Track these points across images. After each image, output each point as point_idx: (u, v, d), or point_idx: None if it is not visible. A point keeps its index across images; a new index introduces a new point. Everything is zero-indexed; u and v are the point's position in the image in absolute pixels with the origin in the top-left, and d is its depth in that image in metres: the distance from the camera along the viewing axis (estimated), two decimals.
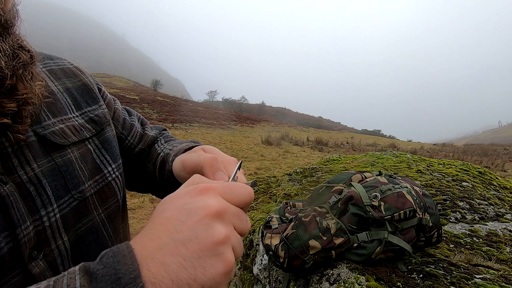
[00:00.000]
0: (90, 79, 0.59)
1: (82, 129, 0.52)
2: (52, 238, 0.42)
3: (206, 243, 0.30)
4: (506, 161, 11.69)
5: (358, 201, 1.16)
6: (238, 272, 1.80)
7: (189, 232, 0.30)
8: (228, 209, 0.33)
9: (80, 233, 0.47)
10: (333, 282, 1.13)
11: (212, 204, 0.32)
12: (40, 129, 0.45)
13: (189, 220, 0.31)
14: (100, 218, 0.50)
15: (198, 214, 0.31)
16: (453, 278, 1.09)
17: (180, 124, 16.95)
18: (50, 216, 0.42)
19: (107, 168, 0.54)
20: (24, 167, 0.41)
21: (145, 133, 0.70)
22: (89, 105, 0.56)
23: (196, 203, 0.32)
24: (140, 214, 4.40)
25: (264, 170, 8.03)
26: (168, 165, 0.59)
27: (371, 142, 18.94)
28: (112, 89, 25.54)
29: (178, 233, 0.30)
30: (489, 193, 2.07)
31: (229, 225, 0.33)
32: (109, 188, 0.53)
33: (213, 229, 0.31)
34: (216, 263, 0.30)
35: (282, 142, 14.05)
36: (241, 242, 0.34)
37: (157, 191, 0.69)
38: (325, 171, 2.69)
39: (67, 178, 0.45)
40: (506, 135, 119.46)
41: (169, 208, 0.32)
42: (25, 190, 0.40)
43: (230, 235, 0.32)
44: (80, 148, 0.50)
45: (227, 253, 0.31)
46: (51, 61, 0.55)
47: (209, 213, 0.31)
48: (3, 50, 0.36)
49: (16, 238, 0.37)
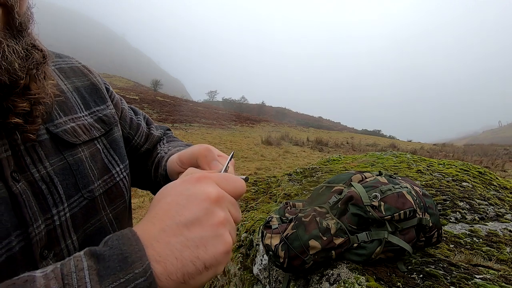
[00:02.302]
0: (98, 79, 0.60)
1: (92, 128, 0.52)
2: (62, 237, 0.42)
3: (207, 225, 0.32)
4: (506, 161, 11.69)
5: (358, 201, 1.16)
6: (238, 272, 1.80)
7: (190, 215, 0.32)
8: (224, 196, 0.35)
9: (89, 233, 0.47)
10: (333, 282, 1.13)
11: (211, 191, 0.34)
12: (52, 127, 0.45)
13: (189, 204, 0.33)
14: (108, 218, 0.51)
15: (198, 199, 0.33)
16: (453, 278, 1.09)
17: (180, 124, 16.95)
18: (61, 215, 0.42)
19: (115, 168, 0.54)
20: (36, 165, 0.41)
21: (150, 133, 0.71)
22: (97, 104, 0.56)
23: (195, 190, 0.34)
24: (140, 214, 4.41)
25: (264, 170, 8.03)
26: (161, 168, 0.60)
27: (371, 142, 18.94)
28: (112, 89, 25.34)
29: (180, 216, 0.32)
30: (489, 193, 2.07)
31: (226, 210, 0.35)
32: (117, 188, 0.53)
33: (212, 212, 0.33)
34: (216, 243, 0.32)
35: (282, 142, 14.05)
36: (235, 229, 0.37)
37: (153, 189, 0.70)
38: (325, 171, 2.69)
39: (77, 177, 0.45)
40: (506, 135, 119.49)
41: (169, 195, 0.34)
42: (37, 189, 0.40)
43: (228, 219, 0.35)
44: (90, 148, 0.50)
45: (226, 235, 0.33)
46: (60, 60, 0.55)
47: (208, 197, 0.33)
48: (17, 52, 0.36)
49: (28, 237, 0.37)
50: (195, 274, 0.30)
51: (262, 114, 54.53)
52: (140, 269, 0.27)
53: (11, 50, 0.35)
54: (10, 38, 0.36)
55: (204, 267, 0.30)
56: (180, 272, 0.29)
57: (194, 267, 0.30)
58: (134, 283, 0.27)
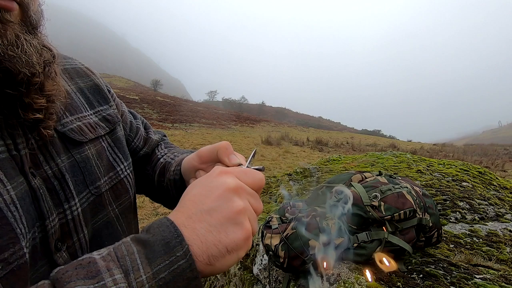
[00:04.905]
0: (100, 80, 0.61)
1: (97, 126, 0.53)
2: (74, 231, 0.44)
3: (227, 212, 0.35)
4: (506, 161, 11.68)
5: (358, 201, 1.16)
6: (238, 272, 1.80)
7: (212, 204, 0.36)
8: (244, 187, 0.39)
9: (97, 227, 0.49)
10: (333, 282, 1.13)
11: (230, 182, 0.38)
12: (59, 126, 0.46)
13: (211, 194, 0.36)
14: (114, 213, 0.53)
15: (219, 189, 0.37)
16: (453, 278, 1.09)
17: (180, 124, 16.95)
18: (73, 210, 0.44)
19: (120, 165, 0.56)
20: (49, 162, 0.43)
21: (149, 137, 0.72)
22: (100, 104, 0.57)
23: (216, 182, 0.38)
24: (140, 214, 4.40)
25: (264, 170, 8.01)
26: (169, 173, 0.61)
27: (371, 142, 18.93)
28: (112, 89, 25.37)
29: (203, 204, 0.36)
30: (489, 193, 2.07)
31: (245, 200, 0.38)
32: (122, 185, 0.55)
33: (232, 201, 0.36)
34: (236, 230, 0.35)
35: (282, 142, 14.04)
36: (256, 219, 0.39)
37: (151, 194, 0.71)
38: (325, 171, 2.69)
39: (85, 174, 0.47)
40: (506, 135, 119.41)
41: (195, 187, 0.39)
42: (50, 184, 0.42)
43: (247, 208, 0.38)
44: (96, 145, 0.52)
45: (245, 222, 0.36)
46: (64, 60, 0.57)
47: (228, 188, 0.37)
48: (34, 46, 0.38)
49: (45, 229, 0.40)
50: (218, 256, 0.33)
51: (262, 114, 54.52)
52: (181, 252, 0.31)
53: (29, 44, 0.37)
54: (27, 33, 0.38)
55: (227, 250, 0.34)
56: (206, 254, 0.33)
57: (217, 250, 0.33)
58: (177, 264, 0.31)
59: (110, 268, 0.30)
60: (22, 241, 0.35)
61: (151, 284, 0.29)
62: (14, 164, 0.38)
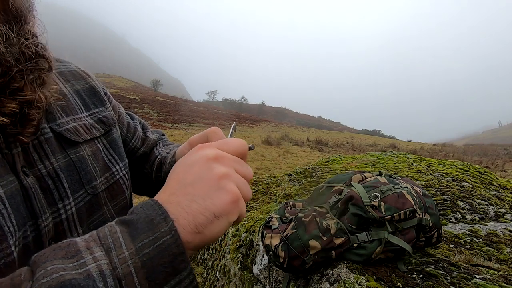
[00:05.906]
0: (96, 83, 0.62)
1: (92, 128, 0.54)
2: (68, 230, 0.44)
3: (209, 179, 0.35)
4: (506, 161, 11.68)
5: (358, 201, 1.16)
6: (238, 272, 1.80)
7: (193, 176, 0.36)
8: (225, 155, 0.38)
9: (93, 227, 0.49)
10: (333, 282, 1.13)
11: (210, 152, 0.38)
12: (55, 126, 0.47)
13: (192, 168, 0.36)
14: (110, 213, 0.53)
15: (199, 162, 0.37)
16: (453, 278, 1.09)
17: (180, 124, 16.95)
18: (67, 209, 0.44)
19: (115, 166, 0.56)
20: (43, 161, 0.43)
21: (146, 137, 0.73)
22: (96, 106, 0.58)
23: (196, 156, 0.38)
24: None
25: (264, 170, 8.02)
26: (165, 167, 0.62)
27: (371, 142, 18.93)
28: (112, 89, 25.55)
29: (185, 179, 0.36)
30: (489, 193, 2.07)
31: (228, 167, 0.37)
32: (117, 185, 0.56)
33: (212, 168, 0.36)
34: (221, 195, 0.35)
35: (282, 142, 14.04)
36: (246, 184, 0.39)
37: (151, 193, 0.72)
38: (325, 171, 2.69)
39: (81, 173, 0.48)
40: (506, 135, 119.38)
41: (177, 167, 0.38)
42: (44, 183, 0.42)
43: (231, 173, 0.37)
44: (91, 146, 0.52)
45: (230, 186, 0.36)
46: (61, 64, 0.58)
47: (207, 158, 0.37)
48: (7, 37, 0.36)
49: (38, 228, 0.40)
50: (207, 223, 0.33)
51: (262, 114, 54.49)
52: (166, 228, 0.31)
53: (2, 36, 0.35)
54: (3, 23, 0.36)
55: (214, 216, 0.34)
56: (193, 224, 0.32)
57: (204, 217, 0.33)
58: (162, 240, 0.30)
59: (90, 247, 0.29)
60: (10, 239, 0.35)
61: (134, 259, 0.29)
62: (5, 163, 0.38)
